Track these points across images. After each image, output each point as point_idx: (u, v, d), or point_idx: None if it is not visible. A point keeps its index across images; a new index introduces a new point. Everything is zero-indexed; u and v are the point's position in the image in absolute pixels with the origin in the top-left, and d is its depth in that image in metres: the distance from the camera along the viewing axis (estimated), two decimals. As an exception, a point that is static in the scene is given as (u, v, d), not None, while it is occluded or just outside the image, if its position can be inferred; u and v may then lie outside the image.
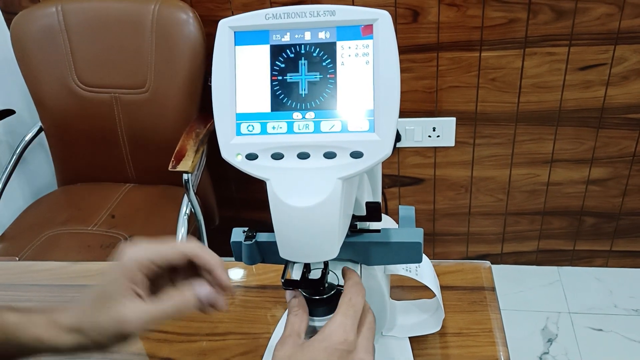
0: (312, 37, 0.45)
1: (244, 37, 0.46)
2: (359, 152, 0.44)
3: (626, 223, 1.71)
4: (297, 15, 0.45)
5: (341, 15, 0.45)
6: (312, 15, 0.45)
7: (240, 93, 0.46)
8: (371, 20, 0.44)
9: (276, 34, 0.46)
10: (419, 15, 1.43)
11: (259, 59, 0.46)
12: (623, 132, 1.54)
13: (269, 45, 0.46)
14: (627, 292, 1.72)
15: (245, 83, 0.46)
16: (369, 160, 0.44)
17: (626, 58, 1.43)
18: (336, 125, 0.45)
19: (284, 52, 0.46)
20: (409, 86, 1.53)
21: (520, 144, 1.60)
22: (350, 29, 0.45)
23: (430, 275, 0.66)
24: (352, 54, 0.45)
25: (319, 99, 0.45)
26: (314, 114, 0.46)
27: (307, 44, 0.45)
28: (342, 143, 0.44)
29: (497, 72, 1.48)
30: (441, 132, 1.59)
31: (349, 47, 0.45)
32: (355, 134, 0.45)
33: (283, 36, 0.46)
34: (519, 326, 1.65)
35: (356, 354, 0.45)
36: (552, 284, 1.79)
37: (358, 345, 0.46)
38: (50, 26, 1.45)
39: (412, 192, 1.73)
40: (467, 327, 0.71)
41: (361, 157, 0.44)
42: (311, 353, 0.44)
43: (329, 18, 0.45)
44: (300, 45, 0.46)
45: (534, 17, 1.40)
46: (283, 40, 0.46)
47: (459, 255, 1.86)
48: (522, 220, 1.75)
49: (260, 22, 0.46)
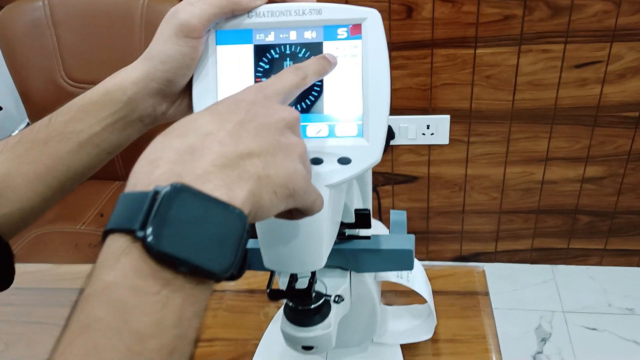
0: (297, 37, 0.43)
1: (226, 36, 0.44)
2: (347, 158, 0.42)
3: (621, 221, 1.70)
4: (282, 13, 0.43)
5: (328, 14, 0.42)
6: (297, 14, 0.43)
7: (222, 95, 0.44)
8: (360, 19, 0.42)
9: (260, 33, 0.44)
10: (413, 11, 1.41)
11: (242, 60, 0.44)
12: (619, 130, 1.53)
13: (252, 45, 0.44)
14: (622, 291, 1.71)
15: (228, 84, 0.44)
16: (358, 166, 0.42)
17: (622, 56, 1.41)
18: (323, 130, 0.43)
19: (268, 53, 0.44)
20: (403, 83, 1.51)
21: (515, 142, 1.58)
22: (338, 29, 0.43)
23: (422, 281, 0.64)
24: (340, 54, 0.43)
25: (305, 102, 0.43)
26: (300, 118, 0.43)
27: (293, 44, 0.43)
28: (329, 148, 0.42)
29: (492, 70, 1.47)
30: (435, 129, 1.58)
31: (336, 48, 0.43)
32: (343, 139, 0.43)
33: (267, 35, 0.44)
34: (513, 325, 1.64)
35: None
36: (546, 282, 1.78)
37: None
38: (36, 20, 1.42)
39: (406, 190, 1.72)
40: (460, 333, 0.70)
41: (349, 164, 0.42)
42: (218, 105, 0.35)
43: (315, 17, 0.43)
44: (285, 46, 0.43)
45: (530, 13, 1.38)
46: (267, 40, 0.44)
47: (453, 253, 1.84)
48: (516, 218, 1.74)
49: (243, 21, 0.43)
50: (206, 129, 0.32)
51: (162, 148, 0.31)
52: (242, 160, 0.31)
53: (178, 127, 0.33)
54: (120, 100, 0.44)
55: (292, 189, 0.33)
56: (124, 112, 0.45)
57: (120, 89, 0.44)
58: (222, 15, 0.43)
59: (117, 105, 0.44)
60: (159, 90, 0.44)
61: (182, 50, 0.42)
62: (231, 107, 0.34)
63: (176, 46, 0.42)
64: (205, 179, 0.29)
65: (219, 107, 0.34)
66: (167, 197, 0.28)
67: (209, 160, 0.30)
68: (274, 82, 0.37)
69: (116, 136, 0.46)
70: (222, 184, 0.30)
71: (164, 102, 0.46)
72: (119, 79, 0.44)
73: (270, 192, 0.32)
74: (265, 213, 0.32)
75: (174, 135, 0.32)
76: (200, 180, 0.29)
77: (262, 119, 0.33)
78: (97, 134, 0.45)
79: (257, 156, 0.32)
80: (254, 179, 0.31)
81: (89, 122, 0.45)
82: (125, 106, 0.45)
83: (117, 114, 0.45)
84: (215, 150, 0.31)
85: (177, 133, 0.32)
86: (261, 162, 0.32)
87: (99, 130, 0.45)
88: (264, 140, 0.32)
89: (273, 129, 0.33)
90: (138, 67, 0.44)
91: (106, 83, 0.45)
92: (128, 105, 0.45)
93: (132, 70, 0.44)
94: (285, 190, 0.32)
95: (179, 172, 0.29)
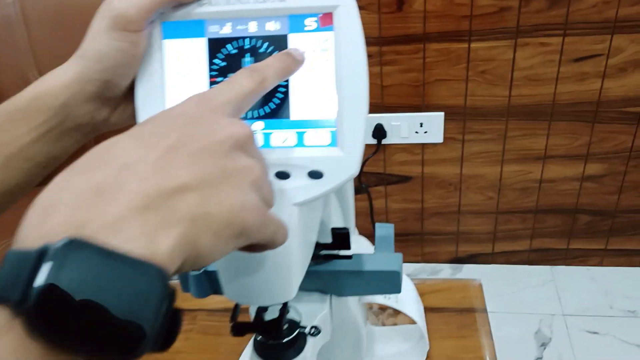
0: (258, 29, 0.37)
1: (173, 29, 0.37)
2: (319, 172, 0.35)
3: (622, 221, 1.65)
4: (240, 1, 0.36)
5: (294, 1, 0.36)
6: (257, 1, 0.36)
7: (171, 98, 0.37)
8: (331, 7, 0.36)
9: (214, 24, 0.37)
10: (404, 4, 1.36)
11: (194, 56, 0.37)
12: (620, 126, 1.49)
13: (205, 39, 0.37)
14: (624, 293, 1.66)
15: (177, 86, 0.37)
16: (331, 181, 0.35)
17: (623, 48, 1.37)
18: (290, 139, 0.37)
19: (224, 47, 0.37)
20: (394, 79, 1.47)
21: (512, 139, 1.54)
22: (306, 18, 0.36)
23: (412, 301, 0.58)
24: (309, 49, 0.36)
25: (269, 105, 0.37)
26: (263, 124, 0.37)
27: (253, 37, 0.37)
28: (297, 160, 0.36)
29: (487, 64, 1.42)
30: (429, 127, 1.53)
31: (304, 41, 0.36)
32: (314, 148, 0.36)
33: (222, 27, 0.37)
34: (511, 329, 1.58)
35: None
36: (545, 284, 1.72)
37: None
38: (6, 17, 1.35)
39: (399, 190, 1.66)
40: (456, 355, 0.63)
41: (321, 178, 0.35)
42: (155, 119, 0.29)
43: (278, 5, 0.36)
44: (244, 39, 0.37)
45: (526, 5, 1.33)
46: (222, 33, 0.37)
47: (449, 255, 1.79)
48: (513, 218, 1.69)
49: (194, 10, 0.37)
50: (123, 160, 0.24)
51: (62, 188, 0.24)
52: (170, 199, 0.24)
53: (87, 158, 0.25)
54: (51, 106, 0.37)
55: (241, 226, 0.26)
56: (57, 120, 0.38)
57: (51, 94, 0.37)
58: (167, 4, 0.36)
59: (48, 113, 0.38)
60: (97, 94, 0.38)
61: (119, 46, 0.36)
62: (161, 127, 0.27)
63: (112, 42, 0.36)
64: (117, 228, 0.22)
65: (145, 128, 0.27)
66: (58, 258, 0.21)
67: (124, 203, 0.23)
68: (222, 89, 0.30)
69: (50, 148, 0.39)
70: (140, 232, 0.23)
71: (104, 107, 0.39)
72: (50, 82, 0.38)
73: (211, 235, 0.25)
74: (206, 259, 0.25)
75: (80, 170, 0.25)
76: (109, 230, 0.22)
77: (201, 141, 0.26)
78: (28, 145, 0.38)
79: (191, 191, 0.25)
80: (187, 221, 0.24)
81: (17, 132, 0.38)
82: (58, 113, 0.38)
83: (49, 122, 0.38)
84: (132, 188, 0.24)
85: (84, 167, 0.25)
86: (197, 198, 0.25)
87: (29, 141, 0.38)
88: (202, 169, 0.25)
89: (216, 152, 0.26)
90: (71, 68, 0.37)
91: (35, 87, 0.38)
92: (61, 112, 0.38)
93: (63, 72, 0.37)
94: (231, 230, 0.26)
95: (81, 220, 0.22)
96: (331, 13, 0.36)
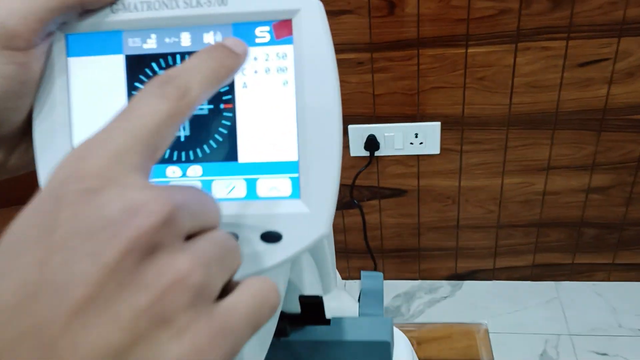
0: (192, 42, 0.27)
1: (81, 43, 0.28)
2: (276, 233, 0.26)
3: (630, 234, 1.58)
4: (165, 5, 0.27)
5: (238, 5, 0.26)
6: (189, 5, 0.27)
7: (79, 133, 0.28)
8: (289, 12, 0.26)
9: (134, 37, 0.28)
10: (396, 7, 1.29)
11: (108, 79, 0.28)
12: (627, 135, 1.42)
13: (122, 56, 0.28)
14: (633, 310, 1.58)
15: (87, 117, 0.28)
16: (292, 245, 0.26)
17: (631, 52, 1.30)
18: (238, 188, 0.27)
19: (147, 67, 0.28)
20: (387, 88, 1.39)
21: (513, 149, 1.47)
22: (256, 28, 0.27)
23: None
24: (261, 68, 0.27)
25: (209, 144, 0.27)
26: (202, 168, 0.28)
27: (185, 53, 0.27)
28: (247, 218, 0.27)
29: (485, 70, 1.35)
30: (424, 138, 1.46)
31: (254, 58, 0.27)
32: (270, 201, 0.27)
33: (145, 40, 0.28)
34: (514, 351, 1.50)
35: None
36: (549, 301, 1.63)
37: None
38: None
39: (394, 204, 1.58)
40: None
41: (279, 242, 0.26)
42: None
43: (218, 9, 0.27)
44: (173, 56, 0.27)
45: (527, 6, 1.26)
46: (146, 48, 0.28)
47: (448, 271, 1.70)
48: (515, 232, 1.61)
49: (106, 18, 0.27)
50: None
51: None
52: None
53: None
54: None
55: None
56: None
57: None
58: (67, 10, 0.27)
59: None
60: None
61: (3, 71, 0.26)
62: (30, 226, 0.18)
63: None
64: None
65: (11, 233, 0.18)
66: None
67: None
68: (117, 127, 0.20)
69: None
70: None
71: None
72: None
73: None
74: None
75: None
76: None
77: (75, 253, 0.16)
78: None
79: None
80: None
81: None
82: None
83: None
84: None
85: None
86: None
87: None
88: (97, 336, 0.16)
89: (114, 284, 0.16)
90: None
91: None
92: None
93: None
94: None
95: None
96: (290, 20, 0.26)
